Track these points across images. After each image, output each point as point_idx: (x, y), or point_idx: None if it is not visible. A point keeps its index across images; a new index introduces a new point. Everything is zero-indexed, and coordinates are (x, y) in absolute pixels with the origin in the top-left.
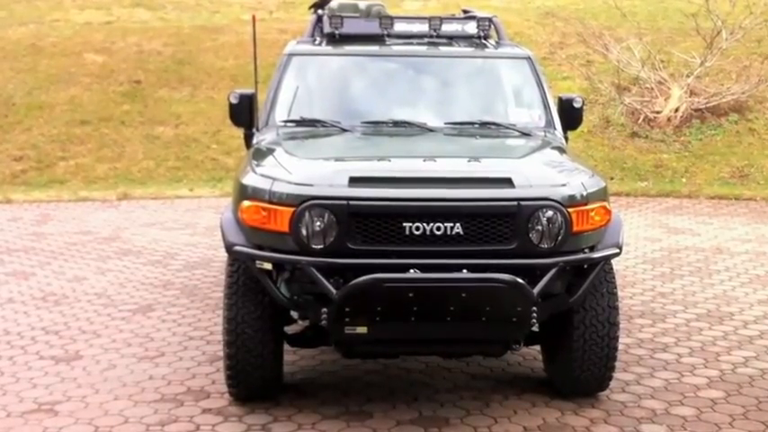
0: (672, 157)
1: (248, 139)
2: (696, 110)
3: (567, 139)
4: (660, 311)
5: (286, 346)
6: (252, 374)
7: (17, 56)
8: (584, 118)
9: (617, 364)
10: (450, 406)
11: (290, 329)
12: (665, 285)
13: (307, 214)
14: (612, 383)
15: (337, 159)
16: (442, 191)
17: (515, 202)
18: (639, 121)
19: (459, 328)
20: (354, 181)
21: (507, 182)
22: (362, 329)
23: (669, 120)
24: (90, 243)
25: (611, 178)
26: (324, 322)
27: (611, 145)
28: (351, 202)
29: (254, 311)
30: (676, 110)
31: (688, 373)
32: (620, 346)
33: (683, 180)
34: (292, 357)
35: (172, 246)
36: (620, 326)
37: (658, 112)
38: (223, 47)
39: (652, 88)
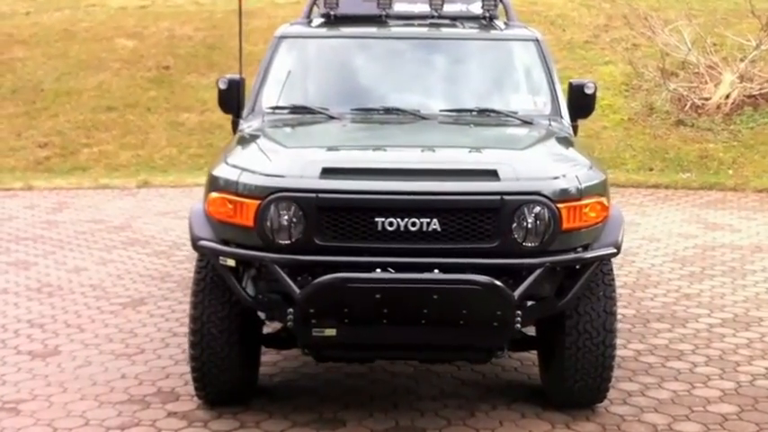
0: (719, 147)
1: (236, 126)
2: (749, 96)
3: (576, 128)
4: (682, 315)
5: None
6: (219, 377)
7: (49, 41)
8: (623, 104)
9: (622, 372)
10: (432, 415)
11: (267, 330)
12: (692, 286)
13: (272, 207)
14: (614, 394)
15: (314, 149)
16: (417, 183)
17: (498, 197)
18: (686, 108)
19: (434, 332)
20: (327, 172)
21: (492, 174)
22: (330, 332)
23: (719, 107)
24: (99, 232)
25: (651, 169)
26: (290, 323)
27: (653, 134)
28: (319, 195)
29: (220, 311)
30: (727, 96)
31: (700, 384)
32: (631, 353)
33: (730, 172)
34: (274, 358)
35: (180, 236)
36: (634, 331)
37: (707, 99)
38: (254, 31)
39: (702, 73)
